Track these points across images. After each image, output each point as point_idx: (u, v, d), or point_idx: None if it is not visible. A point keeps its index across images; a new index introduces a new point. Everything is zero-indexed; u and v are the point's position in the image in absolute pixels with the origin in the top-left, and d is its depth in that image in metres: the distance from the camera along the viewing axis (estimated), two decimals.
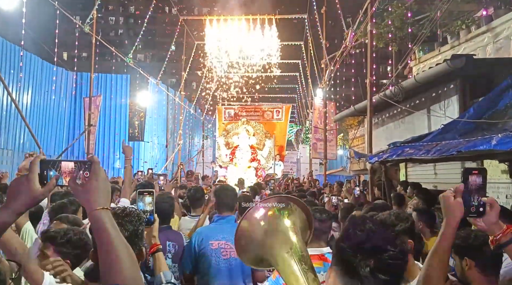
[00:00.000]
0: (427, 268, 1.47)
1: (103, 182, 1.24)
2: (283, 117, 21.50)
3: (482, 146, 3.67)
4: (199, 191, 4.74)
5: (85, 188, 1.22)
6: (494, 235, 1.50)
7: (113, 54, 14.89)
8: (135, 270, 1.17)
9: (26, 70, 13.42)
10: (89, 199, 1.21)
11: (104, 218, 1.18)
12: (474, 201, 1.49)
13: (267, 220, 1.58)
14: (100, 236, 1.18)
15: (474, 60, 6.20)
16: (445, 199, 1.49)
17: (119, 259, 1.14)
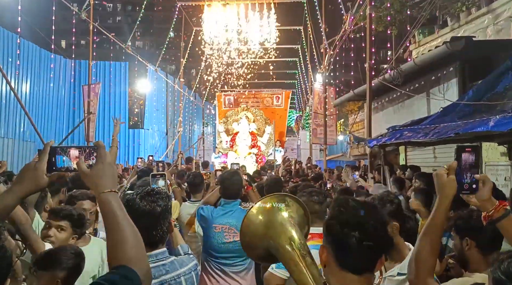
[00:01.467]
0: (420, 244, 1.49)
1: (109, 166, 1.28)
2: (283, 103, 21.43)
3: (480, 127, 3.68)
4: (198, 177, 4.78)
5: (92, 172, 1.27)
6: (487, 211, 1.52)
7: (111, 41, 14.79)
8: (140, 251, 1.20)
9: (24, 58, 13.34)
10: (97, 183, 1.25)
11: (111, 201, 1.22)
12: (467, 178, 1.50)
13: (266, 214, 1.75)
14: (107, 218, 1.21)
15: (474, 42, 6.16)
16: (438, 177, 1.50)
17: (125, 240, 1.17)
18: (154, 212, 1.98)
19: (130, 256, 1.16)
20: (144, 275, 1.15)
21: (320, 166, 14.01)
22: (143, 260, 1.20)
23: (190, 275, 2.11)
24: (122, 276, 1.10)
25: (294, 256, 1.62)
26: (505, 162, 6.17)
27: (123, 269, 1.12)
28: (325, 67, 13.57)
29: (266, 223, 1.73)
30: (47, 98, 15.08)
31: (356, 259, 1.34)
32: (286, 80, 30.92)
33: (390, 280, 2.24)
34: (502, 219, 1.50)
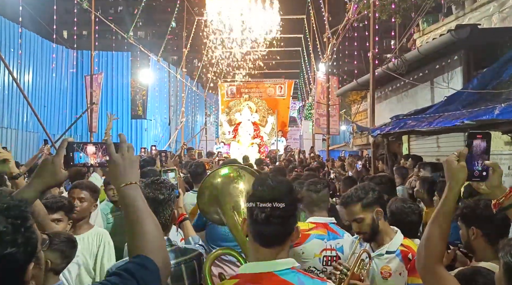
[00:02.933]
0: (429, 231, 1.49)
1: (128, 158, 1.32)
2: (286, 93, 21.34)
3: (485, 116, 3.65)
4: (200, 166, 4.78)
5: (110, 168, 1.33)
6: (497, 199, 1.51)
7: (113, 31, 14.72)
8: (159, 241, 1.24)
9: (26, 49, 13.32)
10: (116, 177, 1.31)
11: (129, 195, 1.27)
12: (478, 165, 1.48)
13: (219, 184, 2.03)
14: (127, 211, 1.26)
15: (479, 30, 6.07)
16: (448, 163, 1.48)
17: (144, 232, 1.22)
18: (157, 199, 2.10)
19: (149, 246, 1.20)
20: (162, 263, 1.20)
21: (322, 156, 13.99)
22: (162, 250, 1.24)
23: (191, 264, 2.17)
24: (139, 264, 1.15)
25: (236, 223, 1.85)
26: (509, 151, 6.14)
27: (140, 259, 1.17)
28: (328, 57, 13.47)
29: (217, 192, 1.98)
30: (49, 89, 15.08)
31: (263, 232, 1.44)
32: (289, 70, 30.76)
33: (379, 259, 2.32)
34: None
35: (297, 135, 23.61)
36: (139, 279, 1.12)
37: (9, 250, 0.96)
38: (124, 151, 1.34)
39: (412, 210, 2.87)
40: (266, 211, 1.42)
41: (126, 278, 1.12)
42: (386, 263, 2.29)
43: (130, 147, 1.37)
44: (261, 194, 1.45)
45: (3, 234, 0.96)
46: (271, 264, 1.44)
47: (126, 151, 1.34)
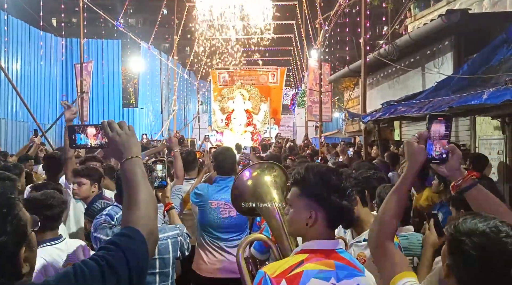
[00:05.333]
0: (385, 205, 1.52)
1: (125, 135, 1.38)
2: (278, 81, 21.29)
3: (473, 100, 3.67)
4: (191, 154, 4.75)
5: (110, 146, 1.40)
6: (455, 181, 1.54)
7: (101, 19, 14.51)
8: (149, 214, 1.30)
9: (13, 37, 13.08)
10: (116, 155, 1.39)
11: (128, 169, 1.35)
12: (437, 148, 1.51)
13: (257, 176, 2.13)
14: (125, 184, 1.34)
15: (469, 15, 6.07)
16: (408, 145, 1.52)
17: (136, 204, 1.29)
18: None
19: (138, 218, 1.26)
20: (148, 234, 1.25)
21: (315, 144, 14.03)
22: (150, 222, 1.29)
23: (175, 240, 2.46)
24: (125, 235, 1.22)
25: (275, 214, 1.94)
26: (498, 136, 6.20)
27: (127, 230, 1.23)
28: (320, 43, 13.41)
29: (255, 183, 2.10)
30: (38, 78, 14.87)
31: (341, 218, 1.62)
32: (282, 57, 30.60)
33: (357, 246, 2.35)
34: (469, 189, 1.52)
35: (290, 122, 23.63)
36: (124, 249, 1.17)
37: (2, 238, 1.01)
38: (117, 129, 1.39)
39: None
40: (347, 198, 1.60)
41: (112, 250, 1.16)
42: (362, 249, 2.31)
43: (122, 123, 1.41)
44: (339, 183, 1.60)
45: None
46: (333, 243, 1.61)
47: (119, 128, 1.39)
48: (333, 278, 1.52)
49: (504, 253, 1.15)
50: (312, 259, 1.54)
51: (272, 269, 1.54)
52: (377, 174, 3.09)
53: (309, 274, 1.50)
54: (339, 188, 1.59)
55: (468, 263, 1.18)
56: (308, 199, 1.61)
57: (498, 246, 1.15)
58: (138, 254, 1.20)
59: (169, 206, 2.80)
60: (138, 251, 1.20)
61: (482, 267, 1.16)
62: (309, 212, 1.59)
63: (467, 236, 1.20)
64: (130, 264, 1.16)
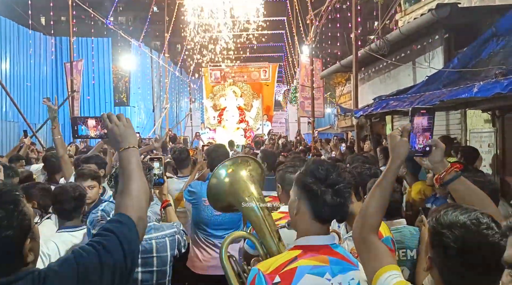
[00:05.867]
0: (368, 199, 1.52)
1: (122, 127, 1.49)
2: (270, 77, 21.29)
3: (464, 94, 3.69)
4: (183, 152, 4.75)
5: (109, 136, 1.51)
6: (439, 173, 1.55)
7: (91, 16, 14.38)
8: (139, 201, 1.40)
9: (1, 36, 12.92)
10: (114, 144, 1.50)
11: (124, 157, 1.45)
12: (420, 141, 1.52)
13: (232, 172, 2.07)
14: (122, 172, 1.45)
15: (459, 9, 6.10)
16: (391, 138, 1.52)
17: (129, 192, 1.39)
18: None
19: (129, 204, 1.37)
20: (138, 219, 1.36)
21: (308, 139, 14.06)
22: (141, 209, 1.40)
23: (173, 238, 2.46)
24: (116, 221, 1.32)
25: (255, 209, 1.93)
26: (489, 129, 6.25)
27: (118, 216, 1.34)
28: (311, 39, 13.41)
29: (231, 180, 2.04)
30: (28, 77, 14.71)
31: (326, 211, 1.57)
32: (273, 53, 30.59)
33: (350, 240, 2.31)
34: (452, 181, 1.54)
35: (283, 119, 23.64)
36: (118, 234, 1.27)
37: (6, 233, 1.13)
38: (116, 120, 1.50)
39: (393, 189, 2.90)
40: (334, 192, 1.56)
41: (106, 235, 1.27)
42: None
43: (120, 116, 1.53)
44: (330, 180, 1.57)
45: (2, 218, 1.12)
46: (327, 238, 1.61)
47: (117, 120, 1.50)
48: (328, 273, 1.52)
49: (485, 245, 1.15)
50: (306, 255, 1.55)
51: (266, 265, 1.55)
52: (371, 169, 3.09)
53: (303, 270, 1.51)
54: (325, 180, 1.57)
55: (450, 255, 1.19)
56: (296, 187, 1.65)
57: (479, 238, 1.16)
58: (130, 238, 1.30)
59: (166, 203, 2.81)
60: (130, 236, 1.30)
61: (464, 259, 1.17)
62: (296, 200, 1.62)
63: (448, 228, 1.20)
64: (124, 247, 1.26)
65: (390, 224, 2.63)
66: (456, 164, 1.57)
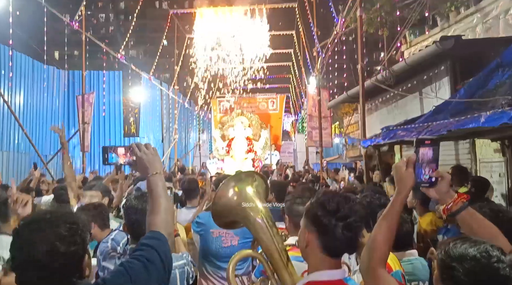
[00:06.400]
0: (375, 231, 1.51)
1: (151, 154, 1.67)
2: (278, 107, 21.52)
3: (471, 124, 3.70)
4: (193, 183, 4.78)
5: (138, 163, 1.68)
6: (446, 204, 1.55)
7: (104, 51, 14.82)
8: (167, 219, 1.60)
9: (17, 70, 13.30)
10: (143, 170, 1.67)
11: (153, 182, 1.63)
12: (426, 172, 1.52)
13: (238, 189, 2.02)
14: (151, 194, 1.63)
15: (463, 41, 6.21)
16: (397, 169, 1.52)
17: (158, 211, 1.57)
18: (145, 209, 2.21)
19: (159, 222, 1.55)
20: (168, 235, 1.56)
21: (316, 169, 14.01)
22: (168, 226, 1.60)
23: (182, 270, 2.47)
24: (152, 237, 1.50)
25: (263, 227, 1.89)
26: (499, 159, 6.21)
27: (152, 233, 1.52)
28: (318, 70, 13.62)
29: (238, 196, 1.99)
30: (41, 109, 15.02)
31: (337, 246, 1.55)
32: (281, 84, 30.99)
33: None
34: (460, 212, 1.53)
35: (291, 148, 23.67)
36: (156, 248, 1.45)
37: (73, 248, 1.33)
38: (144, 149, 1.69)
39: (404, 220, 2.87)
40: (347, 226, 1.54)
41: (146, 249, 1.44)
42: None
43: (148, 145, 1.71)
44: (341, 213, 1.54)
45: (67, 236, 1.33)
46: (339, 273, 1.59)
47: (145, 149, 1.69)
48: None
49: (496, 278, 1.13)
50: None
51: None
52: (381, 199, 3.07)
53: None
54: (336, 213, 1.55)
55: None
56: (306, 219, 1.63)
57: (490, 271, 1.15)
58: (165, 251, 1.49)
59: (175, 233, 2.78)
60: (165, 249, 1.49)
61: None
62: (306, 233, 1.61)
63: (458, 261, 1.19)
64: (162, 258, 1.44)
65: (402, 255, 2.60)
66: (464, 194, 1.57)
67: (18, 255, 1.31)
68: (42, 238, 1.30)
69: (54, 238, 1.31)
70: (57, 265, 1.30)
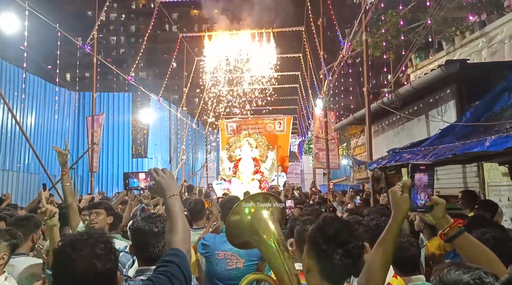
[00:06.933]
0: (372, 256, 1.51)
1: (168, 178, 1.81)
2: (285, 129, 21.58)
3: (476, 148, 3.71)
4: (199, 204, 4.78)
5: (157, 186, 1.81)
6: (442, 229, 1.55)
7: (114, 73, 15.13)
8: (185, 237, 1.71)
9: (30, 92, 13.59)
10: (161, 193, 1.80)
11: (171, 203, 1.76)
12: (421, 197, 1.54)
13: (253, 210, 2.03)
14: (169, 215, 1.75)
15: (468, 65, 6.26)
16: (392, 194, 1.54)
17: (176, 230, 1.69)
18: (151, 231, 2.33)
19: (178, 240, 1.67)
20: (186, 251, 1.67)
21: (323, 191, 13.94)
22: (186, 243, 1.71)
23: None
24: (173, 254, 1.61)
25: (275, 251, 1.89)
26: (507, 182, 6.16)
27: (173, 250, 1.64)
28: (324, 93, 13.74)
29: (252, 218, 2.01)
30: (51, 130, 15.25)
31: (336, 272, 1.53)
32: (288, 106, 31.22)
33: None
34: (456, 237, 1.53)
35: (298, 169, 23.62)
36: (178, 263, 1.57)
37: (108, 265, 1.46)
38: (161, 173, 1.82)
39: (411, 243, 2.86)
40: (346, 253, 1.52)
41: (169, 265, 1.56)
42: None
43: (165, 170, 1.84)
44: (338, 239, 1.53)
45: (103, 255, 1.46)
46: None
47: (163, 173, 1.82)
48: None
49: None
50: None
51: None
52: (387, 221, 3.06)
53: None
54: (335, 239, 1.54)
55: None
56: (307, 244, 1.64)
57: None
58: (186, 266, 1.60)
59: None
60: (185, 264, 1.60)
61: None
62: (306, 258, 1.61)
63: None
64: (184, 273, 1.57)
65: (408, 280, 2.58)
66: (460, 219, 1.57)
67: (59, 271, 1.44)
68: (81, 257, 1.43)
69: (92, 257, 1.44)
70: (94, 282, 1.43)
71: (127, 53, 55.23)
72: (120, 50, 61.13)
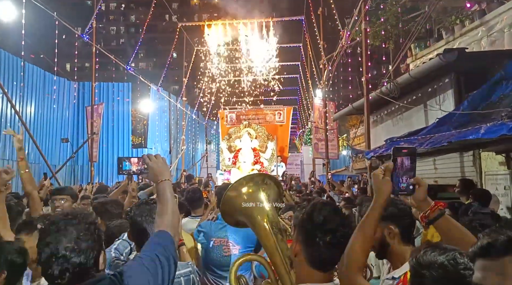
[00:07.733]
0: (353, 239, 1.51)
1: (160, 163, 1.84)
2: (285, 119, 21.57)
3: (471, 135, 3.73)
4: (196, 192, 4.80)
5: (149, 171, 1.85)
6: (423, 212, 1.56)
7: (113, 63, 15.09)
8: (173, 221, 1.75)
9: (28, 81, 13.56)
10: (153, 177, 1.83)
11: (161, 188, 1.80)
12: (403, 180, 1.54)
13: (247, 190, 2.02)
14: (159, 198, 1.80)
15: (466, 54, 6.24)
16: (374, 177, 1.54)
17: (165, 213, 1.74)
18: (148, 218, 2.33)
19: (166, 223, 1.71)
20: (173, 235, 1.71)
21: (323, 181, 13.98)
22: (174, 227, 1.75)
23: (188, 278, 2.41)
24: (159, 236, 1.66)
25: (268, 233, 1.87)
26: (504, 171, 6.19)
27: (159, 232, 1.69)
28: (324, 83, 13.70)
29: (246, 198, 1.99)
30: (51, 120, 15.25)
31: (323, 259, 1.52)
32: (288, 96, 31.15)
33: (387, 283, 2.24)
34: (437, 219, 1.54)
35: (298, 160, 23.66)
36: (162, 244, 1.62)
37: (92, 244, 1.52)
38: (154, 158, 1.86)
39: None
40: (332, 240, 1.49)
41: (154, 245, 1.61)
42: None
43: (158, 155, 1.88)
44: (327, 220, 1.51)
45: (85, 234, 1.52)
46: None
47: (155, 158, 1.86)
48: None
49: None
50: None
51: None
52: None
53: None
54: (323, 226, 1.51)
55: None
56: (296, 229, 1.62)
57: (457, 278, 1.16)
58: (171, 248, 1.65)
59: (180, 242, 2.82)
60: (171, 246, 1.65)
61: None
62: (295, 243, 1.60)
63: (427, 269, 1.20)
64: (169, 254, 1.60)
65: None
66: (441, 202, 1.58)
67: (44, 250, 1.48)
68: (66, 236, 1.49)
69: (76, 236, 1.50)
70: (79, 260, 1.48)
71: (127, 43, 54.94)
72: (120, 40, 60.82)
